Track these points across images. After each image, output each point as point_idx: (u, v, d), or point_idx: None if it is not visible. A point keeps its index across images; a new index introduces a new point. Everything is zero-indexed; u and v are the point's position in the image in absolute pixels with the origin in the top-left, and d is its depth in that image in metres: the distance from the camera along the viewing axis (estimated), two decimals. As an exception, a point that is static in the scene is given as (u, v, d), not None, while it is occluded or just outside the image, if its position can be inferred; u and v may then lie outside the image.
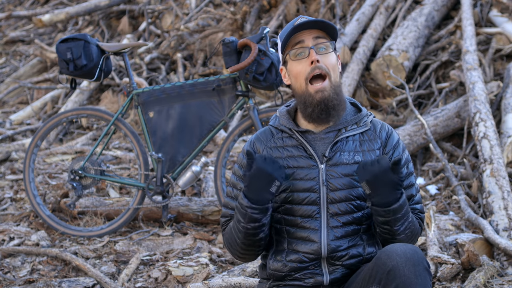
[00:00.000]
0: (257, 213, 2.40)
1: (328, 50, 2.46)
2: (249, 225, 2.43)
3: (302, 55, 2.47)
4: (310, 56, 2.45)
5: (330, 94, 2.45)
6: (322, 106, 2.45)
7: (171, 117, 4.55)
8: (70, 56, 4.44)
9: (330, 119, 2.48)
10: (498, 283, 3.60)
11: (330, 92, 2.45)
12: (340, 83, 2.50)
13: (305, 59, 2.46)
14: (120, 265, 4.21)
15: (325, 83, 2.45)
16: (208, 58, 6.74)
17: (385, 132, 2.56)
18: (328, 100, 2.44)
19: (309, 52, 2.45)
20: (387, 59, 6.04)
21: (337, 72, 2.49)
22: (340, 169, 2.47)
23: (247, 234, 2.45)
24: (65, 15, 8.77)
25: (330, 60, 2.46)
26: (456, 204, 4.66)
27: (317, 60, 2.43)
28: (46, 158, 6.30)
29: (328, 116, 2.47)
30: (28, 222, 4.86)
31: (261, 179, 2.38)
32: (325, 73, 2.45)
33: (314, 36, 2.46)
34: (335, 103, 2.46)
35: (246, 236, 2.46)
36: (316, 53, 2.45)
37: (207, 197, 4.92)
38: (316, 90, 2.44)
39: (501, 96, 5.46)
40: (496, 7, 6.53)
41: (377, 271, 2.30)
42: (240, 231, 2.46)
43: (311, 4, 7.49)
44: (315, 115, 2.47)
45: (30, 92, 8.35)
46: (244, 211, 2.41)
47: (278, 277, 2.54)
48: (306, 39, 2.46)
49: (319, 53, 2.45)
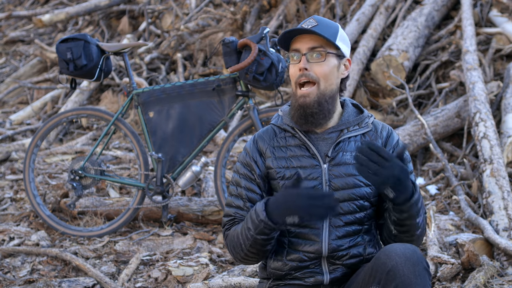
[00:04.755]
0: (269, 228, 2.39)
1: (321, 58, 2.47)
2: (259, 236, 2.41)
3: (296, 59, 2.49)
4: (300, 62, 2.47)
5: (311, 102, 2.46)
6: (301, 111, 2.48)
7: (171, 117, 4.55)
8: (70, 56, 4.44)
9: (308, 126, 2.50)
10: (498, 283, 3.60)
11: (312, 100, 2.46)
12: (331, 93, 2.49)
13: (297, 64, 2.49)
14: (120, 265, 4.21)
15: (310, 89, 2.46)
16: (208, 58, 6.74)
17: (386, 132, 2.58)
18: (307, 107, 2.46)
19: (301, 58, 2.47)
20: (387, 59, 6.04)
21: (330, 81, 2.48)
22: (342, 169, 2.48)
23: (255, 243, 2.44)
24: (65, 15, 8.77)
25: (322, 69, 2.47)
26: (456, 204, 4.67)
27: (305, 68, 2.46)
28: (46, 158, 6.30)
29: (306, 122, 2.49)
30: (28, 222, 4.86)
31: (290, 204, 2.32)
32: (313, 80, 2.47)
33: (312, 42, 2.47)
34: (313, 111, 2.47)
35: (254, 245, 2.45)
36: (308, 60, 2.46)
37: (207, 197, 4.92)
38: (300, 94, 2.48)
39: (501, 96, 5.46)
40: (496, 7, 6.54)
41: (377, 271, 2.31)
42: (248, 239, 2.45)
43: (311, 4, 7.49)
44: (295, 117, 2.51)
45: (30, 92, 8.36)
46: (258, 223, 2.39)
47: (278, 276, 2.54)
48: (303, 45, 2.48)
49: (312, 60, 2.46)
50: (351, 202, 2.47)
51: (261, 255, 2.50)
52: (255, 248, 2.46)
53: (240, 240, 2.48)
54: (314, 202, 2.28)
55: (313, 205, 2.28)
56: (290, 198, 2.32)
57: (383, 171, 2.25)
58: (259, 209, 2.38)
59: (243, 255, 2.51)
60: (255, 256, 2.50)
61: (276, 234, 2.42)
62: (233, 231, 2.52)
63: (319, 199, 2.29)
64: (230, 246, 2.54)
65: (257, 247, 2.45)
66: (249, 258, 2.52)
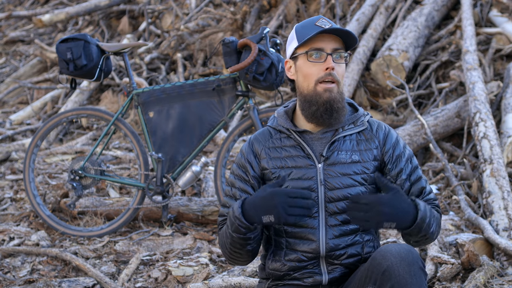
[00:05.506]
0: (243, 227, 2.39)
1: (342, 59, 2.50)
2: (234, 234, 2.42)
3: (319, 58, 2.48)
4: (327, 62, 2.47)
5: (336, 96, 2.47)
6: (327, 106, 2.47)
7: (171, 117, 4.55)
8: (70, 56, 4.44)
9: (332, 121, 2.50)
10: (498, 283, 3.60)
11: (337, 95, 2.48)
12: (344, 93, 2.55)
13: (320, 63, 2.48)
14: (120, 265, 4.21)
15: (334, 85, 2.48)
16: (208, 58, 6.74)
17: (382, 131, 2.58)
18: (334, 101, 2.47)
19: (326, 57, 2.47)
20: (387, 59, 6.04)
21: (343, 82, 2.53)
22: (337, 168, 2.49)
23: (233, 241, 2.46)
24: (65, 15, 8.78)
25: (342, 70, 2.50)
26: (456, 204, 4.67)
27: (332, 68, 2.46)
28: (46, 158, 6.30)
29: (330, 117, 2.48)
30: (28, 222, 4.86)
31: (264, 202, 2.35)
32: (336, 80, 2.48)
33: (334, 43, 2.48)
34: (339, 106, 2.48)
35: (233, 243, 2.47)
36: (333, 60, 2.47)
37: (207, 197, 4.92)
38: (325, 88, 2.47)
39: (501, 96, 5.46)
40: (496, 7, 6.54)
41: (373, 271, 2.32)
42: (227, 237, 2.47)
43: (311, 4, 7.49)
44: (318, 113, 2.48)
45: (30, 92, 8.36)
46: (233, 220, 2.41)
47: (277, 276, 2.54)
48: (326, 44, 2.48)
49: (335, 61, 2.48)
50: (347, 201, 2.47)
51: (244, 255, 2.50)
52: (235, 247, 2.47)
53: (224, 238, 2.51)
54: (290, 201, 2.30)
55: (289, 204, 2.30)
56: (267, 197, 2.34)
57: (370, 214, 2.27)
58: (236, 206, 2.41)
59: (228, 253, 2.53)
60: (239, 256, 2.51)
61: (253, 235, 2.42)
62: (222, 230, 2.55)
63: (296, 199, 2.31)
64: (220, 244, 2.57)
65: (236, 246, 2.46)
66: (234, 257, 2.53)
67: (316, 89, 2.48)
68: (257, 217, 2.35)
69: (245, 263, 2.57)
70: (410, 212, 2.33)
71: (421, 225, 2.35)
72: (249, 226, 2.38)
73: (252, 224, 2.38)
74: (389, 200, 2.30)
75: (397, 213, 2.29)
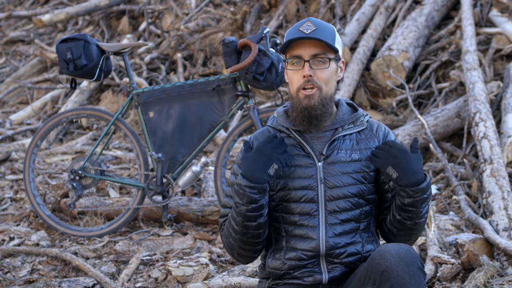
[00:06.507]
0: (255, 192, 2.41)
1: (324, 64, 2.49)
2: (248, 206, 2.42)
3: (298, 65, 2.49)
4: (303, 69, 2.47)
5: (315, 104, 2.48)
6: (305, 113, 2.49)
7: (171, 117, 4.55)
8: (70, 56, 4.44)
9: (311, 128, 2.53)
10: (498, 283, 3.60)
11: (316, 102, 2.48)
12: (331, 96, 2.53)
13: (299, 70, 2.49)
14: (120, 265, 4.21)
15: (314, 91, 2.48)
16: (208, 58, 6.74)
17: (382, 132, 2.59)
18: (312, 108, 2.48)
19: (303, 65, 2.48)
20: (387, 59, 6.04)
21: (331, 85, 2.52)
22: (337, 167, 2.50)
23: (245, 218, 2.44)
24: (65, 15, 8.77)
25: (324, 74, 2.49)
26: (456, 204, 4.67)
27: (309, 75, 2.46)
28: (46, 158, 6.30)
29: (309, 124, 2.51)
30: (28, 222, 4.86)
31: (259, 160, 2.42)
32: (316, 86, 2.48)
33: (314, 48, 2.47)
34: (318, 113, 2.49)
35: (245, 220, 2.44)
36: (311, 66, 2.47)
37: (207, 197, 4.92)
38: (305, 95, 2.48)
39: (501, 96, 5.46)
40: (496, 7, 6.54)
41: (372, 271, 2.32)
42: (238, 215, 2.45)
43: (311, 4, 7.49)
44: (297, 120, 2.52)
45: (30, 92, 8.35)
46: (243, 191, 2.42)
47: (277, 275, 2.55)
48: (304, 50, 2.48)
49: (315, 66, 2.48)
50: (347, 200, 2.48)
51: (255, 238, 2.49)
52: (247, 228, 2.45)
53: (231, 230, 2.50)
54: (273, 145, 2.44)
55: (273, 147, 2.44)
56: (257, 156, 2.44)
57: (384, 153, 2.40)
58: (239, 179, 2.44)
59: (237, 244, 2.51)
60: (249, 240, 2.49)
61: (264, 201, 2.44)
62: (226, 226, 2.55)
63: (272, 142, 2.45)
64: (225, 242, 2.56)
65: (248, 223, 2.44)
66: (244, 246, 2.51)
67: (298, 95, 2.50)
68: (264, 173, 2.41)
69: (253, 253, 2.56)
70: (417, 177, 2.39)
71: (420, 193, 2.39)
72: (262, 186, 2.41)
73: (263, 184, 2.41)
74: (408, 155, 2.40)
75: (406, 167, 2.38)
